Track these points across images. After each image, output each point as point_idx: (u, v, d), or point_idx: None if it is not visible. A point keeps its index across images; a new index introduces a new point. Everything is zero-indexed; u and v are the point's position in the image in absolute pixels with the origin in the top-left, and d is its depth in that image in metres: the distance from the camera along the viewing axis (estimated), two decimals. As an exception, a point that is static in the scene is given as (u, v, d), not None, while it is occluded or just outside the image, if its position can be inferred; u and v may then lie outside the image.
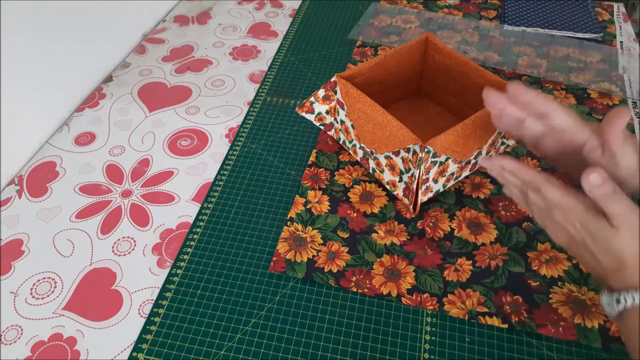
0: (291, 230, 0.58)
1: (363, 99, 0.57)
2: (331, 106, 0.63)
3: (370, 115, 0.56)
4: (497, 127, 0.49)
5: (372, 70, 0.63)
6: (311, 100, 0.63)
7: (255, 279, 0.54)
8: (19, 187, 0.64)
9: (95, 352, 0.49)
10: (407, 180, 0.56)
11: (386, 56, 0.64)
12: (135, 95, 0.78)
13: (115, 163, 0.67)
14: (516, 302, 0.51)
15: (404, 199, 0.58)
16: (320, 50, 0.86)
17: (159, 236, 0.59)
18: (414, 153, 0.53)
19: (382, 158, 0.58)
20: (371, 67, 0.63)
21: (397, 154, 0.55)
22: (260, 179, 0.65)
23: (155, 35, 0.91)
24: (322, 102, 0.63)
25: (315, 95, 0.63)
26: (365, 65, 0.62)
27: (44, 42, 0.69)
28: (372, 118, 0.56)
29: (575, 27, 0.87)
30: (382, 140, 0.56)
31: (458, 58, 0.62)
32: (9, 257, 0.57)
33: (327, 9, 0.97)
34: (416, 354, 0.48)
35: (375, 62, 0.63)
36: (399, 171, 0.56)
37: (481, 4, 0.96)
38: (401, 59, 0.65)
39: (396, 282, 0.53)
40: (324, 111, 0.64)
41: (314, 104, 0.63)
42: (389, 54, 0.64)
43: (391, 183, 0.59)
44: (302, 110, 0.64)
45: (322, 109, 0.64)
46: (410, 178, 0.55)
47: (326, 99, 0.63)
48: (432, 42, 0.65)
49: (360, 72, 0.62)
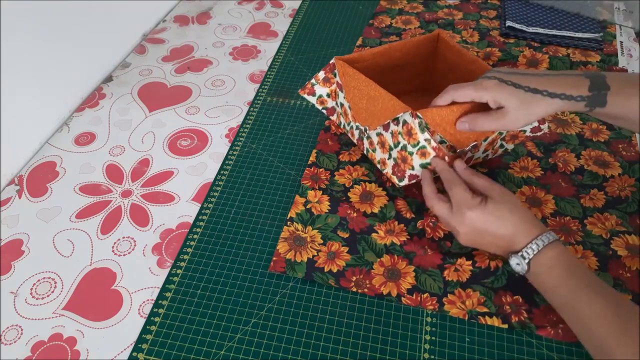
0: (291, 230, 0.58)
1: (358, 77, 0.58)
2: (332, 89, 0.64)
3: (364, 91, 0.58)
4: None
5: (375, 58, 0.63)
6: (312, 82, 0.64)
7: (255, 279, 0.54)
8: (19, 187, 0.64)
9: (95, 352, 0.49)
10: (396, 156, 0.56)
11: (391, 46, 0.64)
12: (135, 95, 0.78)
13: (115, 163, 0.67)
14: (516, 302, 0.51)
15: (393, 177, 0.58)
16: (320, 50, 0.86)
17: (159, 236, 0.59)
18: (404, 123, 0.53)
19: (374, 136, 0.59)
20: (374, 54, 0.63)
21: (387, 129, 0.56)
22: (260, 179, 0.65)
23: (155, 35, 0.91)
24: (322, 84, 0.64)
25: (315, 77, 0.64)
26: (368, 52, 0.63)
27: (44, 42, 0.69)
28: (365, 94, 0.58)
29: (575, 27, 0.87)
30: (374, 115, 0.57)
31: (467, 56, 0.62)
32: (9, 257, 0.57)
33: (327, 9, 0.97)
34: (416, 354, 0.48)
35: (378, 50, 0.63)
36: (389, 147, 0.57)
37: (481, 4, 0.96)
38: (407, 52, 0.66)
39: (396, 282, 0.53)
40: (325, 94, 0.65)
41: (314, 85, 0.64)
42: (394, 44, 0.64)
43: (382, 161, 0.59)
44: (304, 92, 0.65)
45: (323, 91, 0.65)
46: (399, 152, 0.55)
47: (326, 81, 0.64)
48: (444, 39, 0.65)
49: (362, 57, 0.63)
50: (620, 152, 0.66)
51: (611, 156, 0.65)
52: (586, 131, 0.69)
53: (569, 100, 0.49)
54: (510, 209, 0.49)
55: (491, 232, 0.49)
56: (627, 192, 0.61)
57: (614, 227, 0.57)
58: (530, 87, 0.50)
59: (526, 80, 0.51)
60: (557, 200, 0.60)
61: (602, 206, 0.60)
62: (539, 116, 0.50)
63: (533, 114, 0.50)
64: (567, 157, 0.65)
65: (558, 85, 0.50)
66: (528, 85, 0.50)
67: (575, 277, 0.45)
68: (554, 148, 0.67)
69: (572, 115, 0.71)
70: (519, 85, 0.50)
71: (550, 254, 0.47)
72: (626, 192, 0.61)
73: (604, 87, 0.48)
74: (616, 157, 0.65)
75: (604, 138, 0.68)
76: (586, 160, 0.65)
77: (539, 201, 0.60)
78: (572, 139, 0.68)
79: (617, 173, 0.63)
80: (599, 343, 0.42)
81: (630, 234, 0.56)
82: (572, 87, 0.49)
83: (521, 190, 0.61)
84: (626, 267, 0.53)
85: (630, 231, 0.57)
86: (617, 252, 0.55)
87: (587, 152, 0.66)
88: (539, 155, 0.66)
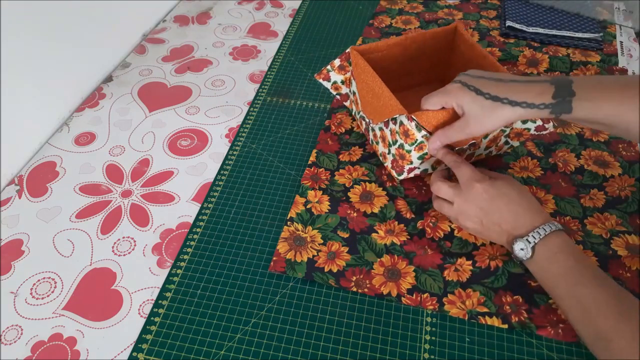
0: (291, 230, 0.58)
1: (367, 70, 0.59)
2: (346, 77, 0.66)
3: (371, 85, 0.59)
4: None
5: (391, 49, 0.64)
6: (328, 68, 0.67)
7: (255, 279, 0.54)
8: (19, 187, 0.64)
9: (95, 352, 0.49)
10: (395, 153, 0.58)
11: (407, 37, 0.65)
12: (135, 95, 0.78)
13: (115, 163, 0.67)
14: (516, 302, 0.51)
15: (392, 170, 0.60)
16: (320, 50, 0.86)
17: (159, 236, 0.59)
18: (401, 124, 0.54)
19: (377, 130, 0.61)
20: (390, 45, 0.64)
21: (387, 126, 0.58)
22: (260, 179, 0.65)
23: (155, 35, 0.91)
24: (337, 71, 0.66)
25: (331, 64, 0.66)
26: (384, 43, 0.64)
27: (44, 42, 0.69)
28: (371, 88, 0.59)
29: (575, 27, 0.87)
30: (377, 111, 0.59)
31: (478, 51, 0.62)
32: (9, 257, 0.57)
33: (327, 9, 0.97)
34: (416, 354, 0.48)
35: (394, 41, 0.64)
36: (388, 143, 0.59)
37: (481, 4, 0.96)
38: (424, 43, 0.66)
39: (396, 282, 0.53)
40: (339, 81, 0.67)
41: (330, 72, 0.67)
42: (410, 36, 0.65)
43: (383, 155, 0.61)
44: (320, 77, 0.68)
45: (338, 78, 0.67)
46: (397, 150, 0.57)
47: (341, 69, 0.66)
48: (460, 33, 0.66)
49: (378, 48, 0.64)
50: (620, 152, 0.66)
51: (611, 156, 0.65)
52: (586, 131, 0.69)
53: (532, 108, 0.48)
54: (518, 193, 0.50)
55: (497, 212, 0.50)
56: (627, 192, 0.61)
57: (614, 227, 0.57)
58: (491, 94, 0.49)
59: (489, 86, 0.50)
60: (557, 200, 0.60)
61: (602, 206, 0.60)
62: (504, 122, 0.49)
63: (495, 121, 0.49)
64: (567, 157, 0.65)
65: (520, 92, 0.48)
66: (489, 92, 0.49)
67: (580, 266, 0.45)
68: (554, 148, 0.67)
69: (572, 115, 0.71)
70: (480, 92, 0.50)
71: (556, 240, 0.47)
72: (626, 192, 0.61)
73: (569, 93, 0.47)
74: (616, 157, 0.65)
75: (604, 138, 0.68)
76: (586, 160, 0.65)
77: (539, 201, 0.60)
78: (572, 139, 0.68)
79: (617, 173, 0.63)
80: (598, 333, 0.42)
81: (630, 234, 0.56)
82: (535, 94, 0.48)
83: (521, 190, 0.61)
84: (626, 267, 0.53)
85: (630, 231, 0.57)
86: (617, 252, 0.55)
87: (587, 152, 0.66)
88: (539, 155, 0.66)
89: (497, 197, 0.50)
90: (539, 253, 0.47)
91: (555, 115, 0.48)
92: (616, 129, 0.47)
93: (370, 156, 0.66)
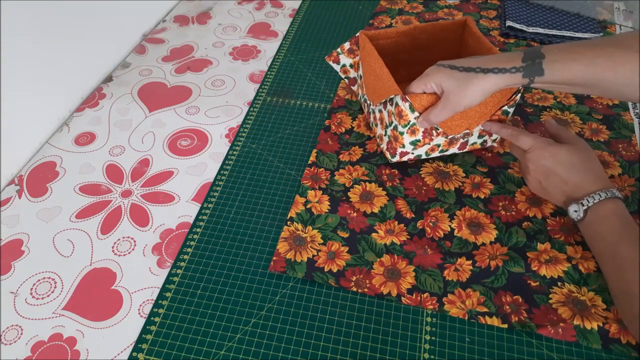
0: (291, 230, 0.58)
1: (372, 53, 0.61)
2: (355, 60, 0.68)
3: (373, 67, 0.60)
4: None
5: (400, 36, 0.66)
6: (338, 51, 0.69)
7: (255, 279, 0.54)
8: (19, 187, 0.64)
9: (95, 352, 0.49)
10: (390, 134, 0.59)
11: (416, 27, 0.66)
12: (135, 95, 0.78)
13: (115, 163, 0.67)
14: (516, 302, 0.51)
15: (386, 152, 0.62)
16: (320, 50, 0.86)
17: (159, 236, 0.59)
18: (396, 105, 0.56)
19: (377, 112, 0.63)
20: (399, 33, 0.66)
21: (385, 107, 0.59)
22: (260, 179, 0.65)
23: (155, 35, 0.91)
24: (347, 54, 0.69)
25: (341, 47, 0.69)
26: (393, 31, 0.66)
27: (44, 42, 0.69)
28: (374, 70, 0.60)
29: (575, 27, 0.87)
30: (377, 91, 0.60)
31: (485, 44, 0.63)
32: (9, 257, 0.57)
33: (327, 9, 0.97)
34: (416, 354, 0.48)
35: (403, 29, 0.66)
36: (385, 124, 0.60)
37: (481, 4, 0.97)
38: (434, 34, 0.67)
39: (396, 282, 0.53)
40: (348, 64, 0.70)
41: (340, 55, 0.69)
42: (419, 25, 0.66)
43: (380, 137, 0.63)
44: (330, 59, 0.70)
45: (347, 61, 0.70)
46: (392, 131, 0.59)
47: (350, 52, 0.68)
48: (469, 27, 0.66)
49: (387, 35, 0.65)
50: (620, 152, 0.66)
51: (611, 156, 0.65)
52: (586, 131, 0.69)
53: (504, 73, 0.50)
54: (585, 158, 0.53)
55: (561, 174, 0.53)
56: (627, 192, 0.61)
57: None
58: (464, 66, 0.52)
59: (462, 62, 0.53)
60: (557, 200, 0.60)
61: (602, 206, 0.60)
62: (481, 92, 0.51)
63: (473, 91, 0.51)
64: (567, 157, 0.65)
65: (491, 61, 0.51)
66: (462, 65, 0.52)
67: (625, 229, 0.48)
68: (554, 148, 0.67)
69: (572, 115, 0.71)
70: (454, 67, 0.52)
71: (609, 205, 0.50)
72: (626, 192, 0.61)
73: (539, 55, 0.49)
74: (616, 156, 0.65)
75: (604, 138, 0.68)
76: (586, 160, 0.65)
77: (539, 201, 0.60)
78: (572, 139, 0.68)
79: (617, 173, 0.63)
80: (626, 287, 0.45)
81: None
82: (506, 60, 0.50)
83: (521, 190, 0.61)
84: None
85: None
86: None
87: (587, 152, 0.66)
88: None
89: (559, 164, 0.53)
90: (590, 215, 0.51)
91: (529, 79, 0.50)
92: (593, 88, 0.49)
93: (371, 156, 0.66)
